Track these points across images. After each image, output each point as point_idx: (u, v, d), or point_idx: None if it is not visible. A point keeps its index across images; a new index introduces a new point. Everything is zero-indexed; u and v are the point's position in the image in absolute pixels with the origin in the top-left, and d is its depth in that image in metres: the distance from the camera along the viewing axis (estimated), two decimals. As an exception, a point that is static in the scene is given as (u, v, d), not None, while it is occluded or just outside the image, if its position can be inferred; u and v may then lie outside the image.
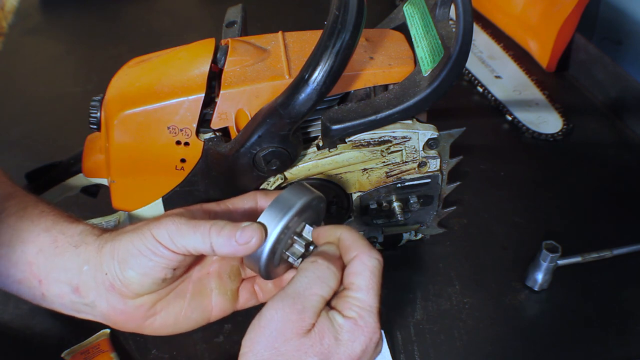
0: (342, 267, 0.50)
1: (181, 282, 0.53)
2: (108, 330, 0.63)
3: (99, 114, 0.60)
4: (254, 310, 0.50)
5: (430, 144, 0.61)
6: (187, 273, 0.54)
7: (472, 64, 1.01)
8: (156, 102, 0.56)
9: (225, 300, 0.55)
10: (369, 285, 0.47)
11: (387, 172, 0.62)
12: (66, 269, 0.51)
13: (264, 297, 0.57)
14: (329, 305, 0.48)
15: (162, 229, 0.49)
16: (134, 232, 0.50)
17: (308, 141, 0.61)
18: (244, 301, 0.57)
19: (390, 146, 0.60)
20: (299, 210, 0.50)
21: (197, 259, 0.54)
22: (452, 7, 0.57)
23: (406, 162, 0.62)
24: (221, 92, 0.57)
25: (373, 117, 0.57)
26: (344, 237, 0.50)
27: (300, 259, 0.52)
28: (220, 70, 0.58)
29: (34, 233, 0.52)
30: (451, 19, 0.60)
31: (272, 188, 0.60)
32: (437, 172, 0.63)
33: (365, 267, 0.48)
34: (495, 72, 1.00)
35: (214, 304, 0.55)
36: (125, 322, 0.52)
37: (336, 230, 0.51)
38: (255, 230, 0.48)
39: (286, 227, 0.50)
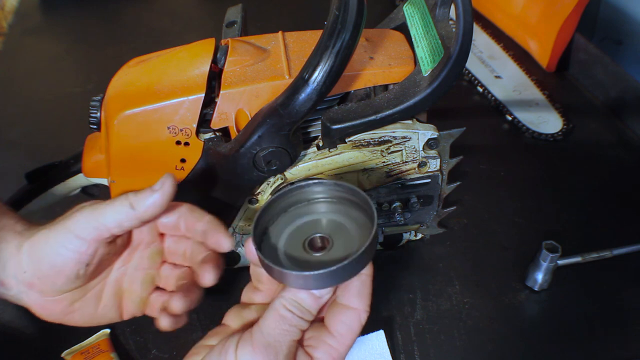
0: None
1: (97, 284, 0.52)
2: (108, 330, 0.63)
3: (99, 114, 0.60)
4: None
5: (430, 144, 0.61)
6: (102, 275, 0.53)
7: (472, 64, 1.01)
8: (156, 102, 0.56)
9: (134, 306, 0.54)
10: (350, 343, 0.45)
11: (387, 172, 0.62)
12: None
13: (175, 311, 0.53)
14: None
15: (76, 214, 0.48)
16: (49, 227, 0.49)
17: (308, 141, 0.61)
18: (151, 311, 0.54)
19: (390, 146, 0.60)
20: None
21: (111, 257, 0.52)
22: (452, 7, 0.57)
23: (406, 162, 0.62)
24: (221, 92, 0.57)
25: (373, 117, 0.57)
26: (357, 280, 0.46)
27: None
28: (220, 70, 0.58)
29: None
30: (451, 19, 0.60)
31: (272, 188, 0.60)
32: (437, 172, 0.63)
33: (359, 325, 0.45)
34: (495, 72, 1.00)
35: (125, 307, 0.54)
36: (47, 316, 0.52)
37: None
38: (167, 175, 0.48)
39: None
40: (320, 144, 0.60)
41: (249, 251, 0.45)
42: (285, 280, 0.42)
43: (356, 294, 0.45)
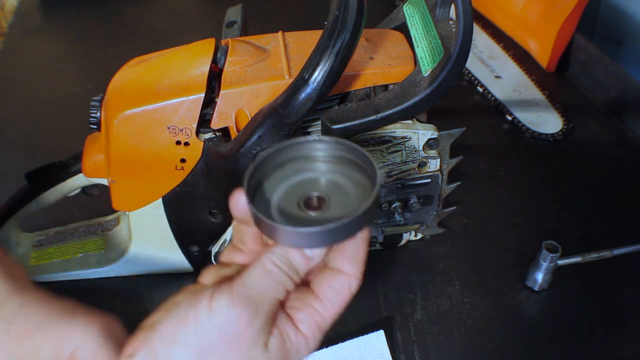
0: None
1: None
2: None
3: (99, 114, 0.60)
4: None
5: (430, 144, 0.61)
6: None
7: (472, 64, 1.01)
8: (156, 102, 0.56)
9: None
10: (338, 310, 0.42)
11: (387, 172, 0.62)
12: None
13: None
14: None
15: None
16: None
17: (308, 141, 0.61)
18: None
19: (390, 146, 0.60)
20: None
21: None
22: (452, 7, 0.57)
23: (406, 162, 0.62)
24: (221, 92, 0.57)
25: (373, 117, 0.57)
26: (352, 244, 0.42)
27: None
28: (220, 70, 0.58)
29: None
30: (451, 19, 0.60)
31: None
32: (437, 172, 0.63)
33: (348, 291, 0.41)
34: (495, 72, 1.00)
35: None
36: None
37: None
38: None
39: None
40: (320, 144, 0.60)
41: (235, 205, 0.41)
42: (277, 236, 0.39)
43: (349, 257, 0.41)
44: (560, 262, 0.66)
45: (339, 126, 0.56)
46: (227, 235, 0.63)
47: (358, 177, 0.42)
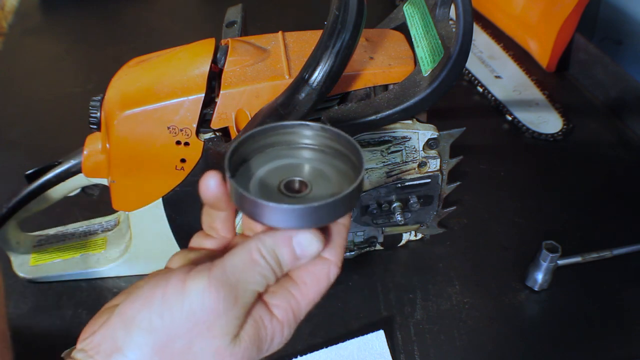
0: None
1: None
2: (108, 330, 0.63)
3: (99, 114, 0.60)
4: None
5: (430, 144, 0.61)
6: None
7: (472, 64, 1.01)
8: (156, 102, 0.56)
9: None
10: (315, 298, 0.39)
11: (387, 172, 0.62)
12: None
13: None
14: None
15: None
16: None
17: (308, 141, 0.61)
18: None
19: (390, 146, 0.60)
20: None
21: None
22: (452, 7, 0.57)
23: (406, 162, 0.62)
24: (221, 92, 0.57)
25: (373, 117, 0.57)
26: (334, 229, 0.40)
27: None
28: (220, 70, 0.58)
29: None
30: (451, 19, 0.60)
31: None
32: (437, 172, 0.63)
33: (326, 279, 0.39)
34: (495, 72, 1.00)
35: None
36: None
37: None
38: None
39: None
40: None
41: (206, 188, 0.39)
42: (260, 214, 0.36)
43: (330, 243, 0.39)
44: (560, 262, 0.66)
45: (339, 126, 0.56)
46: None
47: (341, 166, 0.41)
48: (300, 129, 0.42)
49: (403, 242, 0.71)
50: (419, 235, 0.71)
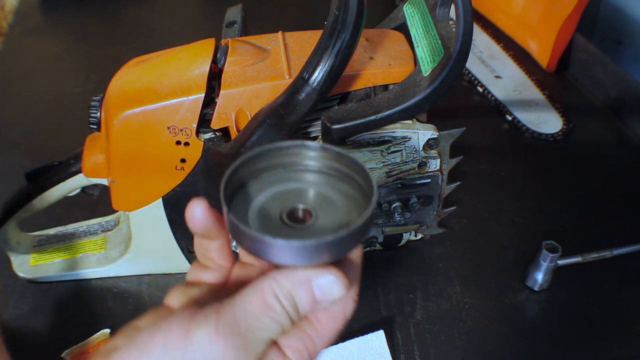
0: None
1: None
2: (108, 330, 0.63)
3: (99, 114, 0.60)
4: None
5: (430, 144, 0.61)
6: None
7: (472, 64, 1.01)
8: (156, 102, 0.56)
9: None
10: (330, 338, 0.36)
11: (387, 172, 0.62)
12: None
13: None
14: None
15: None
16: None
17: (308, 141, 0.61)
18: None
19: (390, 146, 0.60)
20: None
21: None
22: (452, 7, 0.57)
23: (406, 162, 0.62)
24: (221, 92, 0.57)
25: (373, 117, 0.57)
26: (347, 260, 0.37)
27: None
28: (220, 70, 0.59)
29: None
30: (451, 19, 0.60)
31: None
32: (437, 172, 0.63)
33: (343, 316, 0.36)
34: (495, 72, 1.00)
35: None
36: None
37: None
38: None
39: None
40: (320, 144, 0.60)
41: (192, 217, 0.35)
42: (263, 250, 0.32)
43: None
44: (560, 262, 0.66)
45: (339, 126, 0.56)
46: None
47: (347, 189, 0.38)
48: (300, 150, 0.38)
49: (403, 242, 0.71)
50: (419, 235, 0.71)
